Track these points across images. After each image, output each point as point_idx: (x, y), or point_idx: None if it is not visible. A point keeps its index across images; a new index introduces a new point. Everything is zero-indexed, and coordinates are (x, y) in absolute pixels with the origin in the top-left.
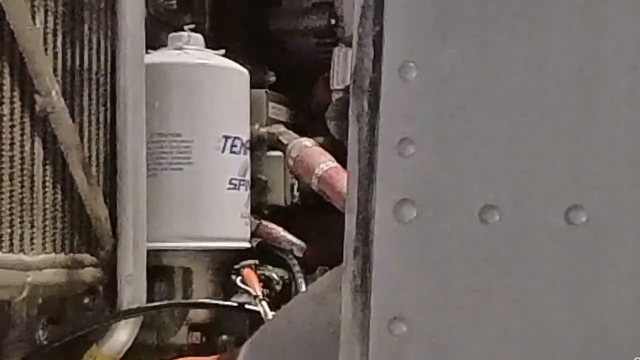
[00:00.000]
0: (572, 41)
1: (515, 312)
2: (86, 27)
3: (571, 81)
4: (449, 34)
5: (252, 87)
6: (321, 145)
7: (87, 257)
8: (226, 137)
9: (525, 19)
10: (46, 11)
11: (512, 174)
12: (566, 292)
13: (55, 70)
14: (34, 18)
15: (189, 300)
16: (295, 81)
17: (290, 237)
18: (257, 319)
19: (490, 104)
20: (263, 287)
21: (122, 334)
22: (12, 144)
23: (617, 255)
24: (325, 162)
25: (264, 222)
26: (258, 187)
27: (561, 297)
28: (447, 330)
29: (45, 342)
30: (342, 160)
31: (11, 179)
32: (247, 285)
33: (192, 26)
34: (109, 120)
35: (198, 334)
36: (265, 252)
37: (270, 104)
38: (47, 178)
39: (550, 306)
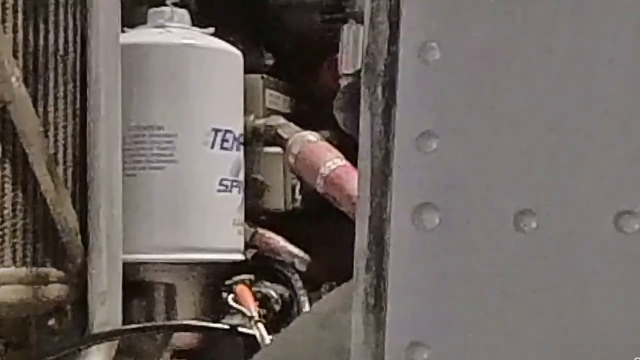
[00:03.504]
0: (621, 26)
1: (555, 336)
2: (52, 0)
3: (624, 70)
4: (479, 9)
5: (246, 71)
6: (327, 139)
7: (52, 271)
8: (216, 131)
9: None
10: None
11: (553, 175)
12: (615, 309)
13: (15, 52)
14: (3, 27)
15: (172, 322)
16: (296, 65)
17: (291, 247)
18: (252, 345)
19: (526, 92)
20: (259, 306)
21: None
22: None
23: None
24: (332, 160)
25: (261, 230)
26: (253, 189)
27: (610, 315)
28: (475, 358)
29: None
30: (352, 157)
31: None
32: (240, 304)
33: (176, 1)
34: (78, 111)
35: None
36: (262, 265)
37: (268, 92)
38: (6, 179)
39: (597, 326)
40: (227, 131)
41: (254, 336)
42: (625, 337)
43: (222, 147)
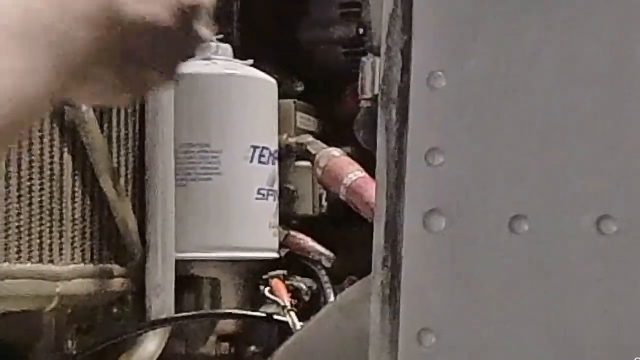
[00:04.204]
0: (601, 48)
1: (544, 323)
2: None
3: (601, 89)
4: (477, 43)
5: (280, 97)
6: (349, 155)
7: (115, 267)
8: (254, 147)
9: (552, 24)
10: None
11: (542, 184)
12: (596, 302)
13: None
14: None
15: (217, 311)
16: (323, 91)
17: (318, 247)
18: (285, 330)
19: (518, 112)
20: (291, 297)
21: (151, 344)
22: (41, 155)
23: None
24: (353, 172)
25: (293, 232)
26: (286, 197)
27: (592, 307)
28: (477, 342)
29: (74, 352)
30: (370, 170)
31: (41, 189)
32: (275, 295)
33: (220, 36)
34: (137, 131)
35: (226, 344)
36: (293, 262)
37: (299, 114)
38: (77, 188)
39: (581, 316)
40: (264, 148)
41: (286, 323)
42: (602, 325)
43: (259, 161)
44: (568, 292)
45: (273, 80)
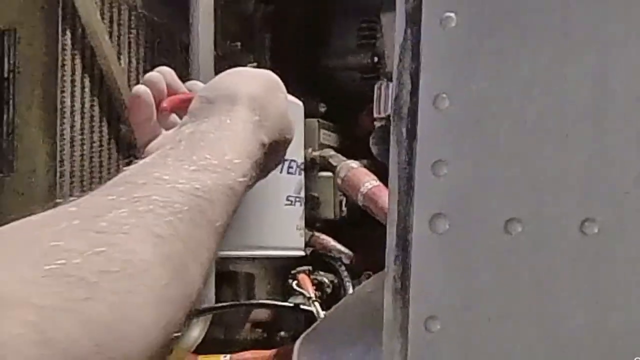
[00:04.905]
0: (582, 78)
1: (533, 312)
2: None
3: (582, 113)
4: (476, 69)
5: (306, 116)
6: (365, 166)
7: None
8: (284, 160)
9: (541, 56)
10: (129, 54)
11: (533, 191)
12: (579, 295)
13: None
14: (119, 59)
15: (251, 301)
16: (343, 111)
17: (339, 246)
18: (310, 318)
19: (512, 130)
20: (315, 290)
21: (195, 330)
22: (101, 164)
23: (625, 262)
24: (369, 181)
25: (317, 234)
26: (311, 203)
27: (575, 299)
28: (475, 328)
29: None
30: (383, 179)
31: None
32: (301, 288)
33: (254, 64)
34: None
35: (259, 330)
36: (317, 259)
37: (322, 131)
38: None
39: (566, 304)
40: (292, 160)
41: (311, 312)
42: (585, 310)
43: (288, 172)
44: (555, 284)
45: (300, 103)
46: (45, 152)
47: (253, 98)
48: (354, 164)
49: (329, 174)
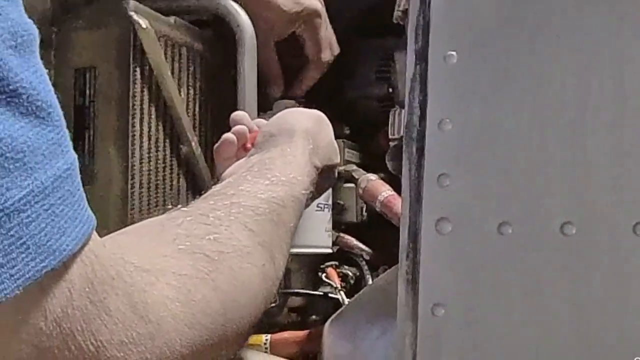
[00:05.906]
0: (564, 105)
1: (525, 301)
2: (214, 97)
3: (565, 133)
4: (474, 98)
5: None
6: (382, 179)
7: None
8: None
9: (532, 87)
10: (188, 86)
11: (521, 199)
12: (562, 289)
13: (194, 127)
14: (179, 91)
15: (288, 290)
16: (363, 133)
17: (360, 245)
18: (336, 304)
19: (505, 148)
20: (341, 281)
21: None
22: (164, 178)
23: (600, 260)
24: (385, 191)
25: (342, 235)
26: (337, 209)
27: (558, 293)
28: (475, 313)
29: None
30: (397, 189)
31: (164, 205)
32: (329, 279)
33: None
34: None
35: (295, 314)
36: (342, 256)
37: (346, 150)
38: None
39: (550, 295)
40: None
41: (338, 299)
42: (568, 301)
43: None
44: (541, 278)
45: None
46: (119, 167)
47: (307, 131)
48: (372, 176)
49: (352, 185)
